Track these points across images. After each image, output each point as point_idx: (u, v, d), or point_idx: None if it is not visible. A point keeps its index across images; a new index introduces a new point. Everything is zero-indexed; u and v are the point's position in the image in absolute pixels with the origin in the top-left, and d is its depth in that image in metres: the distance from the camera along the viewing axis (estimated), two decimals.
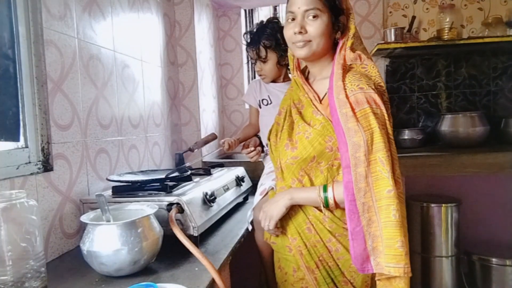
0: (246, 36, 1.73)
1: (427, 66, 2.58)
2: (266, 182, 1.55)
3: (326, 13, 1.11)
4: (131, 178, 1.37)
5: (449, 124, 2.22)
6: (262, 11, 3.01)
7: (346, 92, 1.06)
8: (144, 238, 1.01)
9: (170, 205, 1.17)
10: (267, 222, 1.18)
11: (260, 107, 1.80)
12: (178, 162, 1.88)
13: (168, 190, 1.27)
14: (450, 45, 2.22)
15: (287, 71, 1.76)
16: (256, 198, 1.51)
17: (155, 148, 1.95)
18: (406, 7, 2.57)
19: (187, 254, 1.05)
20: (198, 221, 1.20)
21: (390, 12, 2.58)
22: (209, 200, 1.33)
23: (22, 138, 1.13)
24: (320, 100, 1.17)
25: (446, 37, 2.26)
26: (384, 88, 1.14)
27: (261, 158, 1.69)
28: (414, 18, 2.46)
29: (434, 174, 2.11)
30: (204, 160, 2.33)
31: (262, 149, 1.71)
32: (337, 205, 1.10)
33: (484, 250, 2.31)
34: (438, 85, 2.58)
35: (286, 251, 1.22)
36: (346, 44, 1.13)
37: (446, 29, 2.27)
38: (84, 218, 1.05)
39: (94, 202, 1.26)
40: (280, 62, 1.69)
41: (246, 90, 1.90)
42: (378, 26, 2.56)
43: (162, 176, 1.39)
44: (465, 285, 2.31)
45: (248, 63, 2.93)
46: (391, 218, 0.97)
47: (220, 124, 2.81)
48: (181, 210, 1.17)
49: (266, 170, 1.68)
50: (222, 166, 1.88)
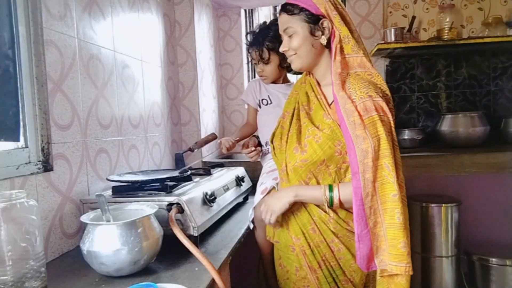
0: (248, 36, 1.73)
1: (427, 66, 2.58)
2: (266, 181, 1.55)
3: (300, 26, 1.16)
4: (131, 178, 1.37)
5: (449, 124, 2.22)
6: (262, 11, 3.01)
7: (352, 99, 1.08)
8: (144, 238, 1.01)
9: (170, 205, 1.17)
10: (269, 215, 1.20)
11: (259, 107, 1.81)
12: (178, 162, 1.87)
13: (168, 190, 1.27)
14: (450, 45, 2.22)
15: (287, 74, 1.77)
16: (256, 197, 1.51)
17: (155, 148, 1.95)
18: (406, 7, 2.57)
19: (187, 254, 1.05)
20: (198, 221, 1.20)
21: (390, 12, 2.58)
22: (209, 200, 1.33)
23: (22, 138, 1.13)
24: (329, 104, 1.19)
25: (446, 37, 2.26)
26: (389, 96, 1.17)
27: (259, 158, 1.69)
28: (414, 18, 2.46)
29: (434, 174, 2.11)
30: (204, 160, 2.33)
31: (261, 149, 1.72)
32: (341, 204, 1.13)
33: (484, 250, 2.30)
34: (438, 85, 2.58)
35: (289, 251, 1.23)
36: (337, 49, 1.14)
37: (446, 29, 2.27)
38: (84, 218, 1.05)
39: (94, 202, 1.26)
40: (282, 65, 1.69)
41: (245, 90, 1.90)
42: (378, 26, 2.56)
43: (162, 176, 1.39)
44: (465, 285, 2.31)
45: (248, 63, 2.93)
46: (396, 220, 1.02)
47: (220, 124, 2.81)
48: (181, 210, 1.17)
49: (266, 169, 1.68)
50: (222, 166, 1.88)
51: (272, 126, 1.40)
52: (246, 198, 1.85)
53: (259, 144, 1.75)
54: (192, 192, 1.28)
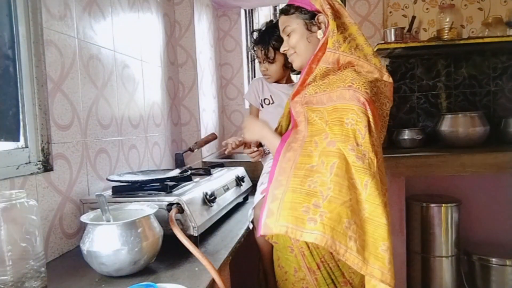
0: (254, 34, 1.72)
1: (427, 66, 2.57)
2: (267, 180, 1.54)
3: (297, 23, 1.20)
4: (131, 178, 1.37)
5: (449, 124, 2.22)
6: (262, 11, 3.01)
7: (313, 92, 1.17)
8: (144, 238, 1.01)
9: (170, 205, 1.17)
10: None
11: (262, 107, 1.80)
12: (178, 162, 1.87)
13: (168, 190, 1.27)
14: (450, 45, 2.22)
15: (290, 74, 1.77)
16: (256, 196, 1.51)
17: (155, 148, 1.95)
18: (406, 7, 2.57)
19: (187, 254, 1.05)
20: (198, 221, 1.20)
21: (390, 12, 2.58)
22: (209, 200, 1.33)
23: (22, 138, 1.13)
24: None
25: (446, 37, 2.26)
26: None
27: (260, 158, 1.69)
28: (414, 18, 2.46)
29: (434, 174, 2.11)
30: (204, 160, 2.33)
31: (262, 148, 1.71)
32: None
33: (484, 250, 2.30)
34: (438, 85, 2.57)
35: (288, 252, 1.23)
36: (323, 43, 1.15)
37: (446, 29, 2.27)
38: (84, 218, 1.05)
39: (94, 202, 1.26)
40: (286, 65, 1.68)
41: (247, 89, 1.90)
42: (378, 26, 2.56)
43: (162, 176, 1.39)
44: (465, 285, 2.31)
45: (248, 63, 2.93)
46: (306, 187, 1.03)
47: (220, 124, 2.81)
48: (181, 210, 1.17)
49: (266, 169, 1.68)
50: (222, 166, 1.88)
51: (273, 126, 1.39)
52: (246, 198, 1.85)
53: (261, 144, 1.74)
54: (192, 192, 1.28)
